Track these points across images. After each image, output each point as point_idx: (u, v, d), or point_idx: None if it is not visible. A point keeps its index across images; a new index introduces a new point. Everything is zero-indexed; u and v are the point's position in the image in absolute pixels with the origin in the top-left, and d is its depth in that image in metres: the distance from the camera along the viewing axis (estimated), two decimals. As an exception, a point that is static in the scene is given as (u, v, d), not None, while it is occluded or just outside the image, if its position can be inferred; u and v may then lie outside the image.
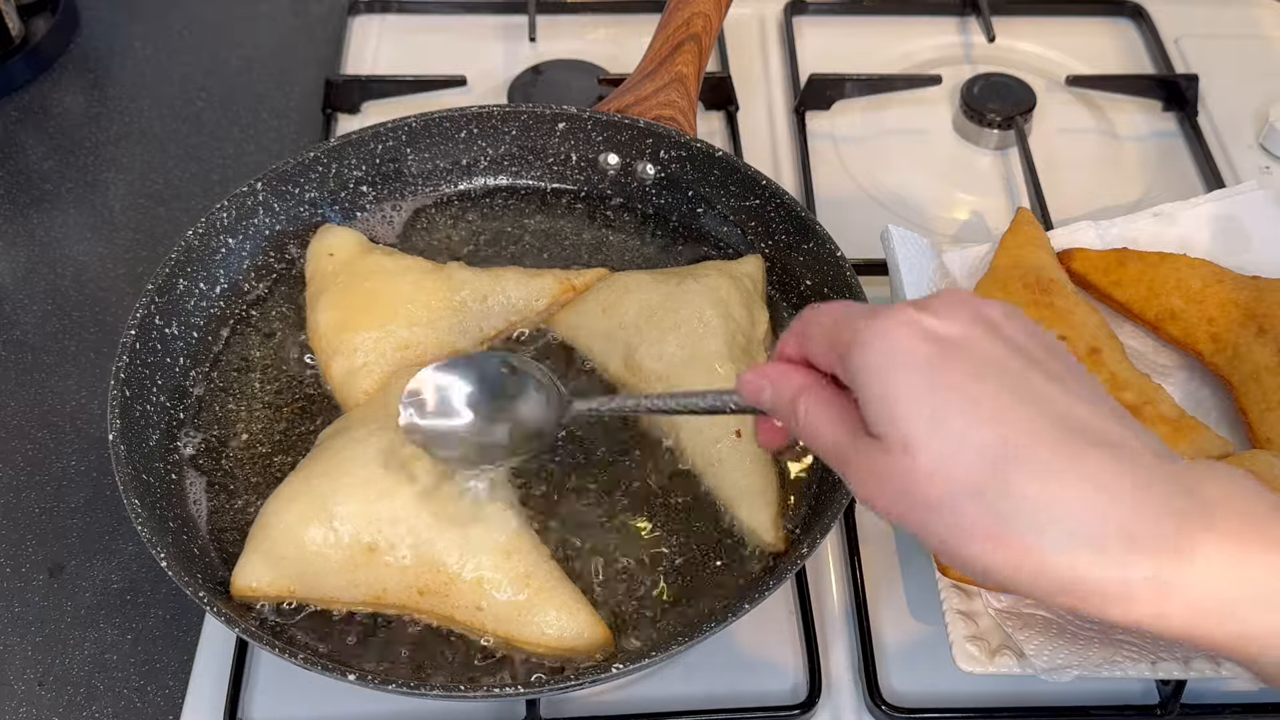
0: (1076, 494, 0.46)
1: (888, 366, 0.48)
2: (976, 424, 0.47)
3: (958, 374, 0.48)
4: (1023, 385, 0.48)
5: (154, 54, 1.28)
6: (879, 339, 0.49)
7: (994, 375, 0.48)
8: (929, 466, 0.47)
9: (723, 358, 0.83)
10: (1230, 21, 1.32)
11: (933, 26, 1.30)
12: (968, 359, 0.48)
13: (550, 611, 0.72)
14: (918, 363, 0.48)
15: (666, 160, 0.96)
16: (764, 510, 0.79)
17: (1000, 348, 0.49)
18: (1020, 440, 0.47)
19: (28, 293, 1.05)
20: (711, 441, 0.81)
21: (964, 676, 0.74)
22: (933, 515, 0.48)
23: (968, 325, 0.50)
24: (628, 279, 0.88)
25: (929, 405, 0.47)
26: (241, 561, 0.74)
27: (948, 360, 0.48)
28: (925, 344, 0.48)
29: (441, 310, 0.86)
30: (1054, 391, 0.49)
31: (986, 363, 0.49)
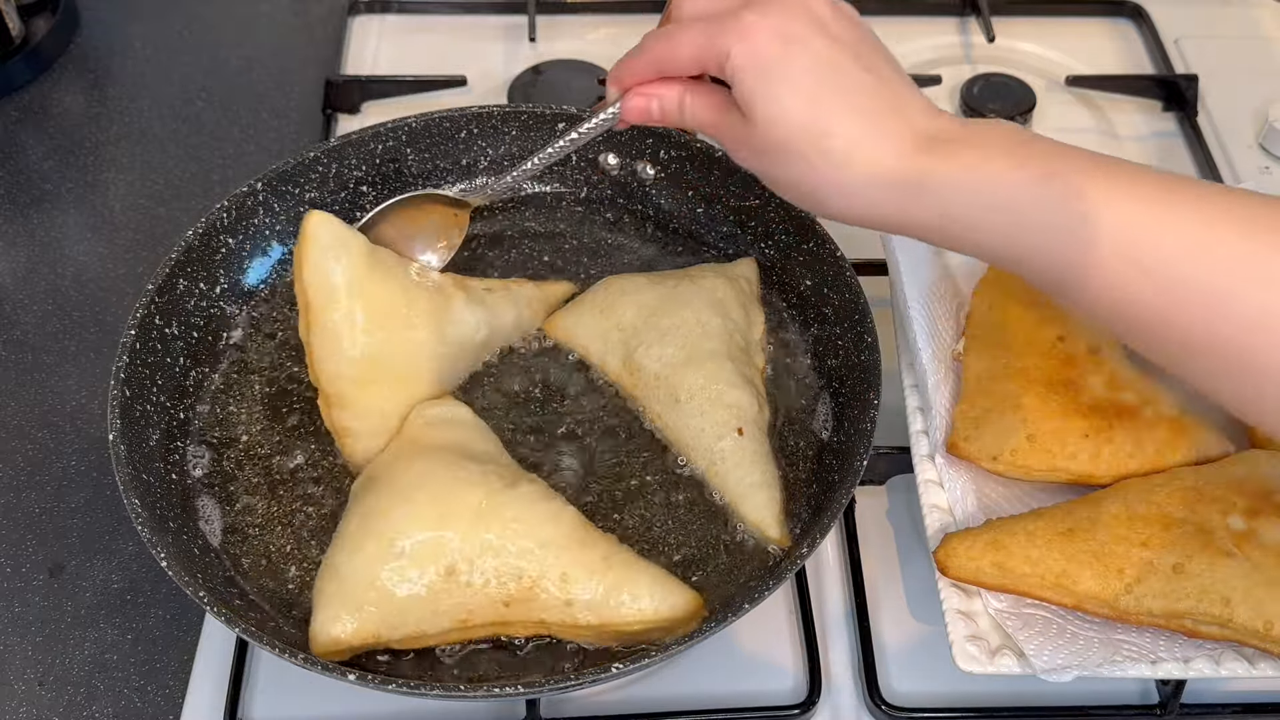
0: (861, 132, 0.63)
1: (748, 67, 0.63)
2: (799, 105, 0.63)
3: (793, 69, 0.63)
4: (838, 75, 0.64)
5: (154, 54, 1.28)
6: (741, 47, 0.63)
7: (818, 68, 0.63)
8: (768, 138, 0.64)
9: (721, 357, 0.83)
10: (1230, 21, 1.32)
11: (933, 26, 1.30)
12: (801, 55, 0.63)
13: (641, 587, 0.72)
14: (764, 59, 0.63)
15: (666, 160, 0.96)
16: (768, 507, 0.79)
17: (827, 43, 0.64)
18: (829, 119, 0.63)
19: (28, 293, 1.05)
20: (714, 439, 0.81)
21: (964, 676, 0.74)
22: (773, 166, 0.66)
23: (805, 25, 0.64)
24: (625, 281, 0.89)
25: (770, 92, 0.63)
26: (320, 619, 0.71)
27: (787, 59, 0.63)
28: (771, 45, 0.63)
29: (451, 356, 0.84)
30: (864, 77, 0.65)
31: (815, 58, 0.64)
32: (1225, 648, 0.74)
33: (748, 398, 0.82)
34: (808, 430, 0.85)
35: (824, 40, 0.64)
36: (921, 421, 0.84)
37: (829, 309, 0.87)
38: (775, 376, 0.88)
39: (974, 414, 0.81)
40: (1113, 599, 0.73)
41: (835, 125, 0.63)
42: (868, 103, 0.64)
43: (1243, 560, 0.73)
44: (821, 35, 0.64)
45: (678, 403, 0.82)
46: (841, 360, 0.85)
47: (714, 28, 0.65)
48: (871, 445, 0.77)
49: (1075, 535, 0.75)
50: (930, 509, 0.80)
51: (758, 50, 0.63)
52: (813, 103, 0.63)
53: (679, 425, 0.82)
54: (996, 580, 0.75)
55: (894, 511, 0.90)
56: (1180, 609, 0.72)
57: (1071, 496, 0.79)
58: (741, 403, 0.82)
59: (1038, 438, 0.79)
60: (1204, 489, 0.76)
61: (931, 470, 0.82)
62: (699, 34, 0.66)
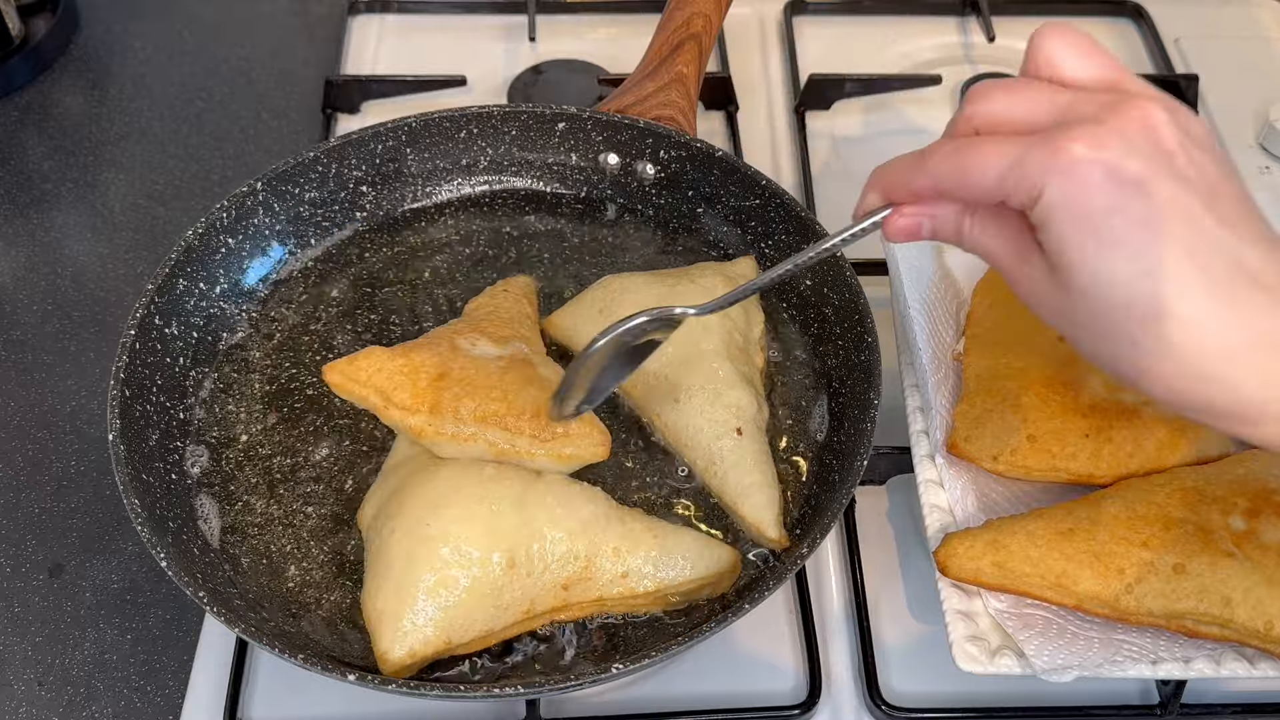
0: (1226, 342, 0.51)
1: (1067, 215, 0.52)
2: (1131, 276, 0.51)
3: (1127, 225, 0.51)
4: (1187, 233, 0.51)
5: (154, 54, 1.28)
6: (1063, 184, 0.51)
7: (1163, 225, 0.51)
8: (1089, 310, 0.53)
9: (720, 357, 0.83)
10: (1230, 21, 1.32)
11: (933, 26, 1.30)
12: (1143, 208, 0.51)
13: (686, 548, 0.75)
14: (1092, 213, 0.51)
15: (666, 160, 0.96)
16: (767, 508, 0.79)
17: (1174, 187, 0.51)
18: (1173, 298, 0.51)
19: (28, 293, 1.06)
20: (712, 439, 0.81)
21: (964, 676, 0.74)
22: (1086, 342, 0.55)
23: (1146, 160, 0.51)
24: (624, 280, 0.88)
25: (1096, 263, 0.52)
26: (388, 638, 0.69)
27: (1123, 210, 0.51)
28: (1104, 189, 0.51)
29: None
30: (1219, 232, 0.52)
31: (1158, 211, 0.51)
32: (1226, 648, 0.74)
33: (747, 397, 0.82)
34: (807, 430, 0.85)
35: (1171, 184, 0.51)
36: (921, 421, 0.84)
37: (829, 309, 0.87)
38: (775, 376, 0.88)
39: (974, 414, 0.81)
40: (1113, 599, 0.73)
41: (1176, 305, 0.51)
42: (1220, 270, 0.51)
43: (1243, 560, 0.73)
44: (1168, 176, 0.51)
45: (676, 402, 0.82)
46: (841, 360, 0.85)
47: (1025, 151, 0.52)
48: (871, 445, 0.76)
49: (1075, 535, 0.75)
50: (930, 509, 0.80)
51: (1083, 193, 0.51)
52: (1149, 274, 0.51)
53: (678, 425, 0.82)
54: (997, 580, 0.75)
55: (894, 511, 0.90)
56: (1180, 609, 0.72)
57: (1072, 496, 0.79)
58: (740, 402, 0.82)
59: (1038, 438, 0.79)
60: (1204, 489, 0.76)
61: (931, 470, 0.82)
62: (1004, 156, 0.53)
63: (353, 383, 0.77)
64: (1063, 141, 0.51)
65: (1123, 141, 0.51)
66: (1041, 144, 0.52)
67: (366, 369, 0.77)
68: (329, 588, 0.76)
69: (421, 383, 0.77)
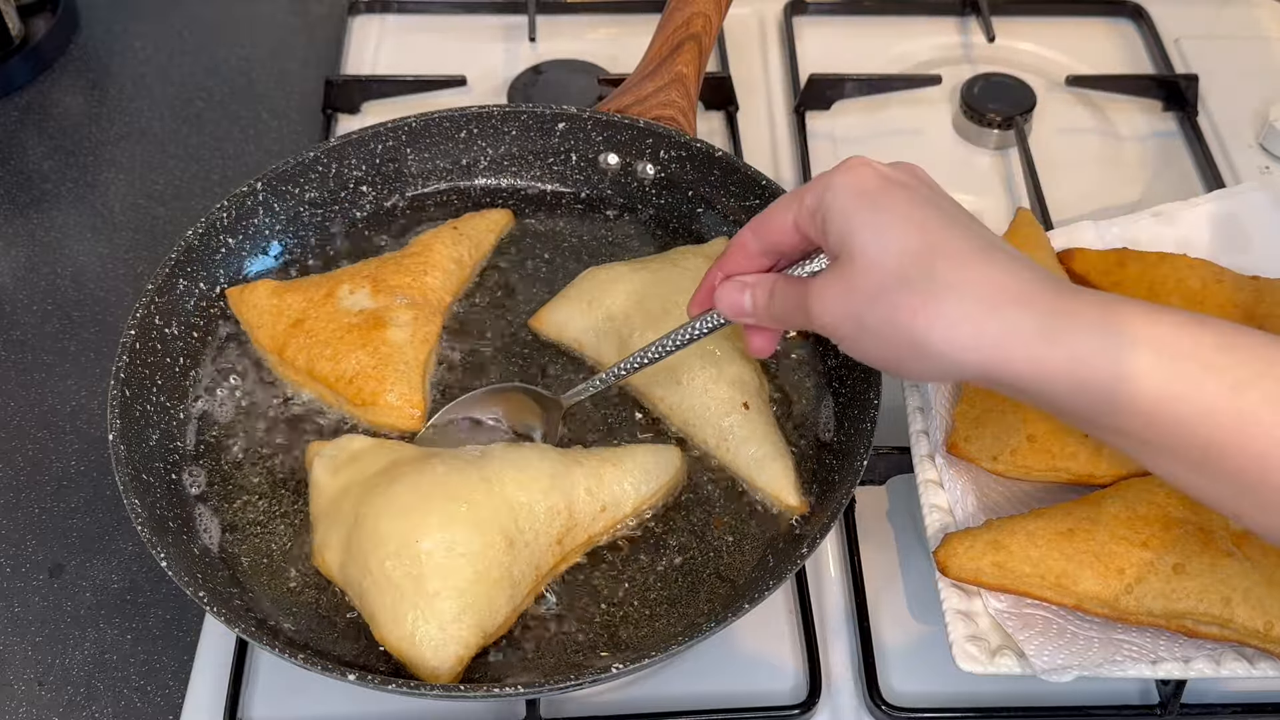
0: (982, 274, 0.57)
1: (847, 194, 0.61)
2: (906, 234, 0.59)
3: (898, 200, 0.60)
4: (949, 216, 0.60)
5: (154, 54, 1.28)
6: (844, 175, 0.61)
7: (926, 203, 0.60)
8: (868, 266, 0.59)
9: (715, 337, 0.83)
10: (1230, 21, 1.32)
11: (933, 26, 1.30)
12: (906, 190, 0.61)
13: (641, 463, 0.79)
14: (868, 190, 0.60)
15: (666, 160, 0.96)
16: (785, 475, 0.80)
17: (933, 193, 0.62)
18: (941, 245, 0.58)
19: (28, 293, 1.06)
20: (720, 417, 0.81)
21: (964, 676, 0.74)
22: (868, 307, 0.59)
23: (909, 175, 0.62)
24: (608, 271, 0.89)
25: (872, 223, 0.60)
26: (430, 655, 0.70)
27: (891, 191, 0.60)
28: (877, 179, 0.61)
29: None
30: (975, 225, 0.61)
31: (921, 195, 0.61)
32: (1225, 648, 0.74)
33: (748, 371, 0.83)
34: (808, 430, 0.85)
35: (929, 191, 0.62)
36: (921, 421, 0.84)
37: (829, 309, 0.87)
38: (776, 377, 0.88)
39: (974, 414, 0.81)
40: (1113, 599, 0.73)
41: (946, 245, 0.58)
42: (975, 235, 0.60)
43: (1243, 560, 0.73)
44: (927, 187, 0.63)
45: (679, 385, 0.83)
46: (841, 360, 0.85)
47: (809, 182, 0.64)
48: (871, 445, 0.77)
49: (1075, 535, 0.75)
50: (930, 509, 0.80)
51: (859, 180, 0.61)
52: (920, 227, 0.59)
53: (684, 407, 0.83)
54: (997, 580, 0.75)
55: (894, 511, 0.90)
56: (1180, 609, 0.72)
57: (1072, 496, 0.79)
58: (743, 377, 0.82)
59: (1038, 438, 0.79)
60: (1204, 489, 0.76)
61: (931, 470, 0.82)
62: (794, 191, 0.65)
63: (237, 306, 0.87)
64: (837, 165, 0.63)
65: (890, 166, 0.63)
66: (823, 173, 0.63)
67: (250, 299, 0.87)
68: (329, 588, 0.76)
69: (280, 326, 0.85)
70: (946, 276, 0.57)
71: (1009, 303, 0.57)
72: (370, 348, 0.83)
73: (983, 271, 0.57)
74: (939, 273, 0.57)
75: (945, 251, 0.58)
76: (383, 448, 0.78)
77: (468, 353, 0.88)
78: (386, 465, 0.76)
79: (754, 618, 0.74)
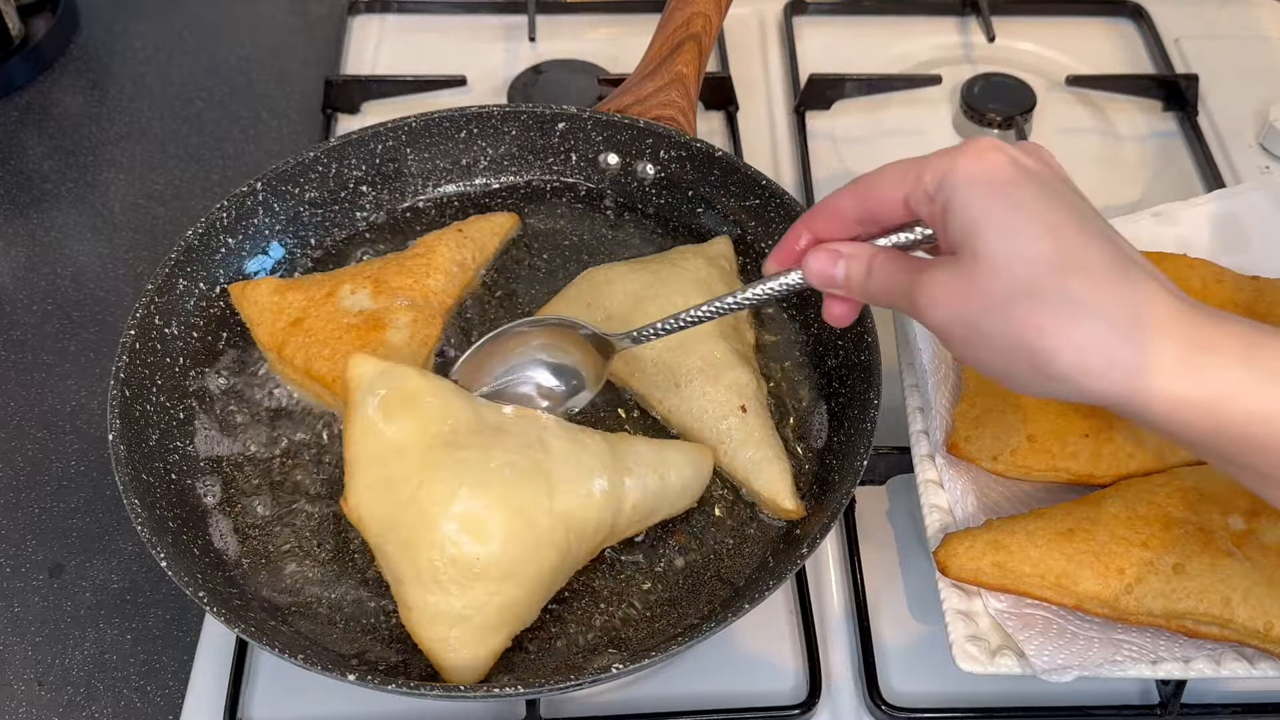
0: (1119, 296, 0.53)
1: (975, 184, 0.55)
2: (1039, 239, 0.53)
3: (1032, 197, 0.55)
4: (1083, 216, 0.55)
5: (154, 54, 1.28)
6: (973, 161, 0.56)
7: (1061, 203, 0.55)
8: (994, 270, 0.54)
9: (714, 337, 0.84)
10: (1230, 21, 1.32)
11: (933, 26, 1.30)
12: (1040, 185, 0.55)
13: (683, 473, 0.78)
14: (1000, 181, 0.55)
15: (666, 160, 0.96)
16: (780, 479, 0.80)
17: (1066, 188, 0.57)
18: (1077, 256, 0.53)
19: (28, 293, 1.05)
20: (718, 420, 0.81)
21: (964, 676, 0.74)
22: (988, 315, 0.54)
23: (1041, 164, 0.57)
24: (606, 271, 0.89)
25: (1002, 219, 0.54)
26: (468, 662, 0.70)
27: (1024, 183, 0.55)
28: (1008, 169, 0.56)
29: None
30: (1109, 231, 0.56)
31: (1056, 192, 0.56)
32: (1226, 648, 0.74)
33: (746, 374, 0.83)
34: (807, 431, 0.85)
35: (1063, 184, 0.57)
36: (921, 421, 0.84)
37: (829, 309, 0.87)
38: (775, 377, 0.88)
39: (974, 414, 0.81)
40: (1113, 599, 0.73)
41: (1082, 257, 0.53)
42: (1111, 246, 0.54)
43: (1243, 560, 0.73)
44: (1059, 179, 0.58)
45: (677, 387, 0.83)
46: (841, 360, 0.85)
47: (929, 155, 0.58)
48: (871, 445, 0.77)
49: (1075, 535, 0.75)
50: (930, 509, 0.80)
51: (989, 168, 0.55)
52: (1054, 233, 0.53)
53: (682, 409, 0.83)
54: (997, 580, 0.75)
55: (894, 511, 0.90)
56: (1180, 609, 0.72)
57: (1072, 497, 0.79)
58: (741, 380, 0.82)
59: (1038, 438, 0.79)
60: (1204, 489, 0.76)
61: (931, 470, 0.82)
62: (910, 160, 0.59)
63: (239, 301, 0.87)
64: (964, 143, 0.58)
65: (1021, 150, 0.58)
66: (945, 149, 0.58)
67: (252, 295, 0.86)
68: (329, 588, 0.76)
69: (280, 324, 0.84)
70: (1081, 295, 0.52)
71: (1146, 330, 0.52)
72: (368, 349, 0.83)
73: (1120, 293, 0.53)
74: (1073, 290, 0.52)
75: (1081, 265, 0.53)
76: (437, 397, 0.73)
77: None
78: (446, 434, 0.71)
79: (754, 618, 0.74)
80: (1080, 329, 0.52)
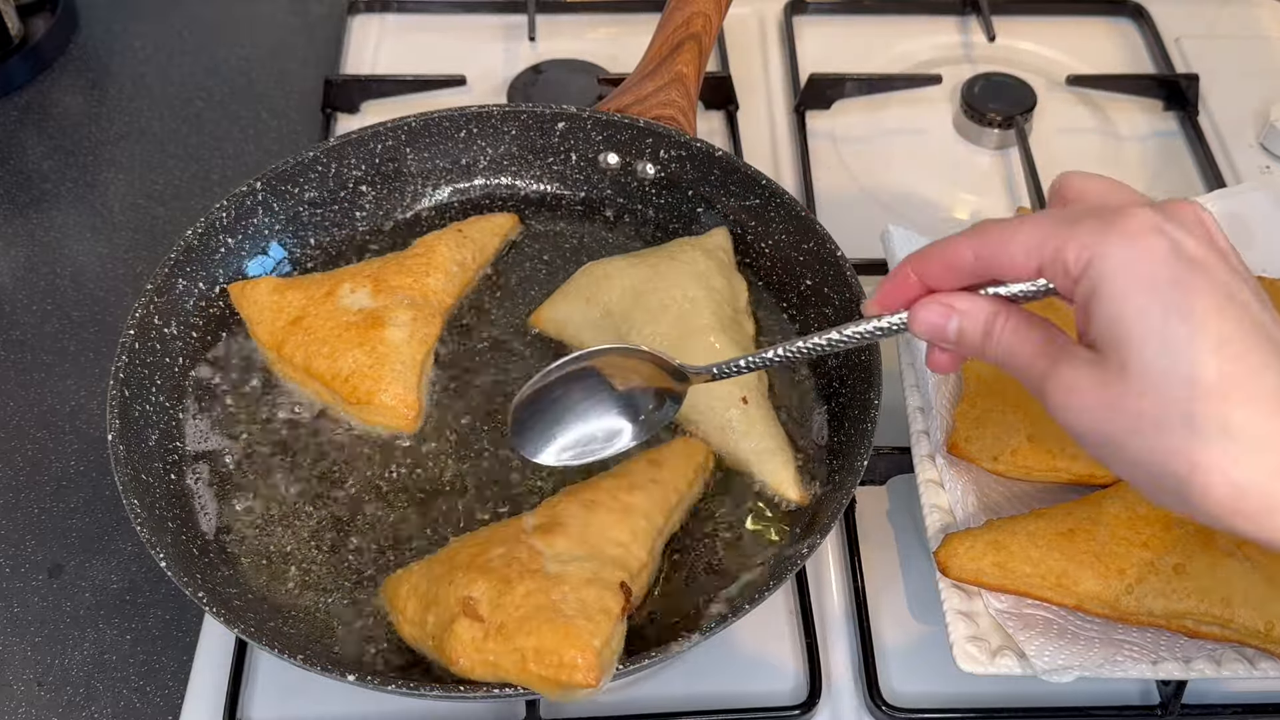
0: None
1: (1131, 279, 0.48)
2: (1202, 356, 0.47)
3: (1197, 300, 0.48)
4: (1252, 321, 0.49)
5: (154, 54, 1.28)
6: (1129, 247, 0.48)
7: (1229, 304, 0.48)
8: (1146, 388, 0.48)
9: (715, 330, 0.84)
10: (1230, 21, 1.32)
11: (933, 26, 1.30)
12: (1208, 281, 0.48)
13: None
14: (1159, 284, 0.48)
15: (666, 160, 0.96)
16: (785, 468, 0.80)
17: (1230, 274, 0.49)
18: (1242, 381, 0.47)
19: (27, 293, 1.05)
20: (721, 411, 0.81)
21: (964, 677, 0.74)
22: (1135, 436, 0.49)
23: (1207, 246, 0.49)
24: (605, 266, 0.89)
25: (1160, 334, 0.48)
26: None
27: (1189, 282, 0.48)
28: (1169, 264, 0.48)
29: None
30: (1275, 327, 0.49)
31: (1222, 288, 0.48)
32: (1226, 648, 0.74)
33: None
34: (808, 430, 0.85)
35: (1228, 273, 0.49)
36: (922, 421, 0.84)
37: (829, 309, 0.87)
38: (775, 377, 0.88)
39: (975, 414, 0.81)
40: (1114, 599, 0.73)
41: (1246, 382, 0.47)
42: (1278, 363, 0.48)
43: (1243, 560, 0.73)
44: (1225, 266, 0.50)
45: None
46: (841, 360, 0.85)
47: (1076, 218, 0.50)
48: (871, 445, 0.76)
49: (1076, 535, 0.75)
50: (931, 509, 0.80)
51: (1147, 260, 0.48)
52: (1219, 349, 0.47)
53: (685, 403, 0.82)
54: (997, 580, 0.75)
55: (894, 511, 0.90)
56: (1181, 609, 0.72)
57: (1072, 497, 0.79)
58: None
59: (1038, 438, 0.79)
60: (1205, 489, 0.75)
61: (932, 470, 0.82)
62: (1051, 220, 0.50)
63: (238, 301, 0.87)
64: (1122, 212, 0.49)
65: (1180, 225, 0.49)
66: (1094, 215, 0.49)
67: (251, 295, 0.86)
68: (329, 588, 0.76)
69: (279, 323, 0.85)
70: (1245, 430, 0.47)
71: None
72: (367, 347, 0.83)
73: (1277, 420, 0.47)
74: (1236, 424, 0.47)
75: (1247, 393, 0.47)
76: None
77: (469, 353, 0.88)
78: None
79: (754, 618, 0.74)
80: (1240, 469, 0.47)
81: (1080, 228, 0.50)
